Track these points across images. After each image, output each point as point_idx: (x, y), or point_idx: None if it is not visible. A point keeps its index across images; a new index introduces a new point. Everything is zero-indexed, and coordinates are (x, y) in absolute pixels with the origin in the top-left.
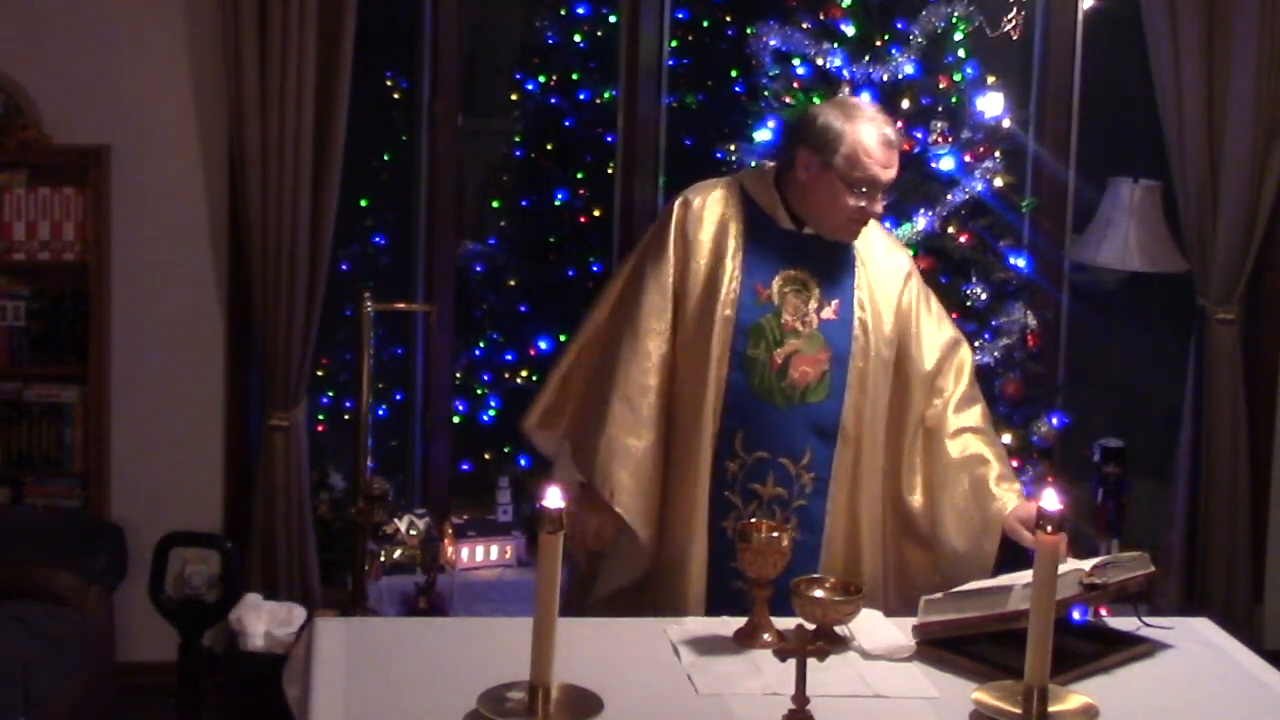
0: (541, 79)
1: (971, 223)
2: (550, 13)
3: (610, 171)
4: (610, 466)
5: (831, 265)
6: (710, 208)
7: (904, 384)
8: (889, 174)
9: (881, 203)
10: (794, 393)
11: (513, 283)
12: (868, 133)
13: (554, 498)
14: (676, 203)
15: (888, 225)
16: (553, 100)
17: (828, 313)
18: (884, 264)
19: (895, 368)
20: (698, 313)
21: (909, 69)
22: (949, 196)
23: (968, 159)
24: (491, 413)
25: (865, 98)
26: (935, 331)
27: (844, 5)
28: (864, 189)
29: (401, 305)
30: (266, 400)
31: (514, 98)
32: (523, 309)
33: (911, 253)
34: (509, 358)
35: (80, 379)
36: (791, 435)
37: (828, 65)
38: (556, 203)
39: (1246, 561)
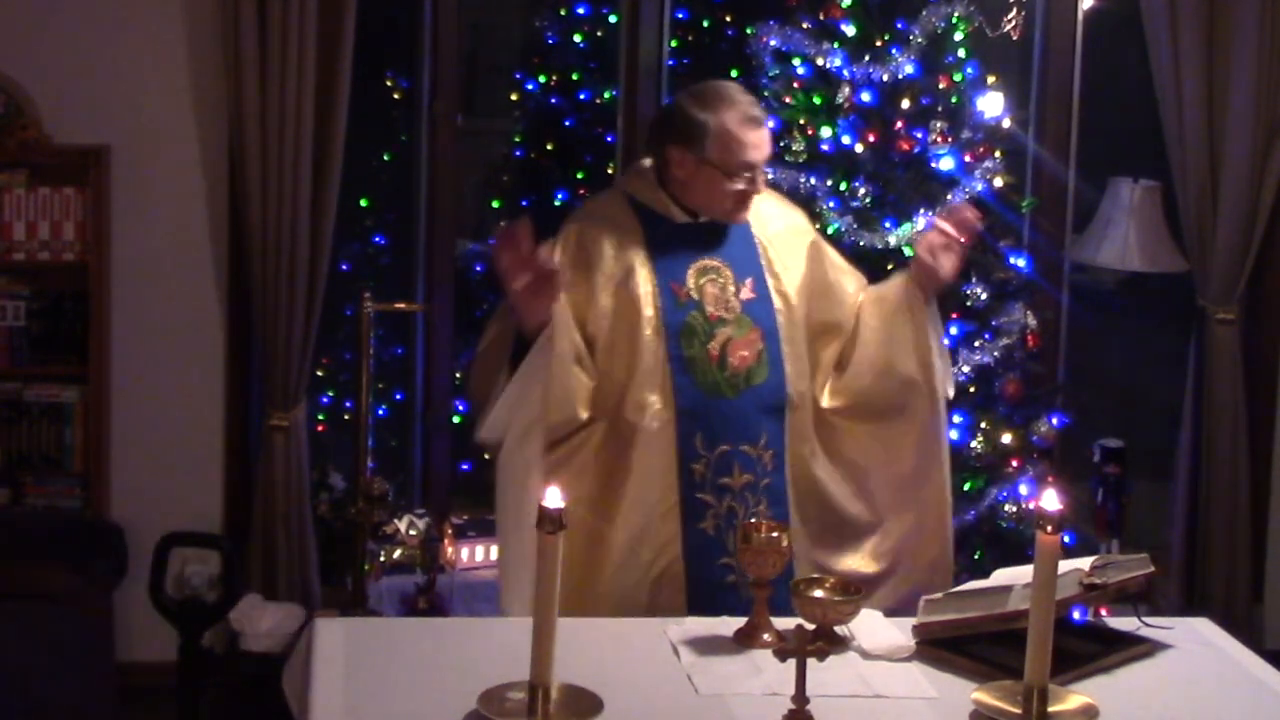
0: (541, 79)
1: None
2: (550, 13)
3: (610, 171)
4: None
5: (736, 246)
6: (605, 225)
7: (826, 336)
8: (761, 153)
9: (763, 178)
10: (738, 380)
11: None
12: (731, 118)
13: (554, 498)
14: (569, 228)
15: (888, 225)
16: (553, 100)
17: (746, 293)
18: (780, 228)
19: (819, 325)
20: (625, 332)
21: (909, 69)
22: (949, 196)
23: (968, 159)
24: None
25: (732, 80)
26: (849, 280)
27: (844, 5)
28: (743, 173)
29: (401, 305)
30: (266, 400)
31: (514, 98)
32: None
33: (907, 252)
34: None
35: (80, 379)
36: (746, 421)
37: (828, 65)
38: (556, 203)
39: (1246, 561)
